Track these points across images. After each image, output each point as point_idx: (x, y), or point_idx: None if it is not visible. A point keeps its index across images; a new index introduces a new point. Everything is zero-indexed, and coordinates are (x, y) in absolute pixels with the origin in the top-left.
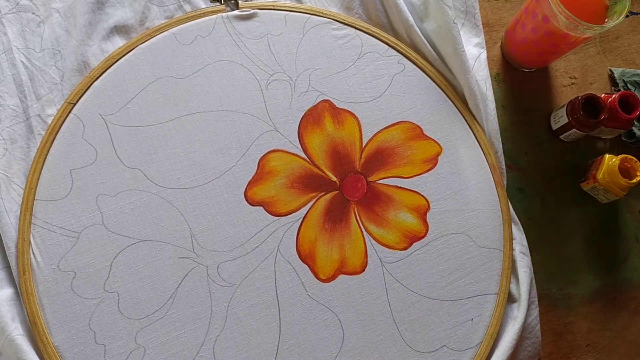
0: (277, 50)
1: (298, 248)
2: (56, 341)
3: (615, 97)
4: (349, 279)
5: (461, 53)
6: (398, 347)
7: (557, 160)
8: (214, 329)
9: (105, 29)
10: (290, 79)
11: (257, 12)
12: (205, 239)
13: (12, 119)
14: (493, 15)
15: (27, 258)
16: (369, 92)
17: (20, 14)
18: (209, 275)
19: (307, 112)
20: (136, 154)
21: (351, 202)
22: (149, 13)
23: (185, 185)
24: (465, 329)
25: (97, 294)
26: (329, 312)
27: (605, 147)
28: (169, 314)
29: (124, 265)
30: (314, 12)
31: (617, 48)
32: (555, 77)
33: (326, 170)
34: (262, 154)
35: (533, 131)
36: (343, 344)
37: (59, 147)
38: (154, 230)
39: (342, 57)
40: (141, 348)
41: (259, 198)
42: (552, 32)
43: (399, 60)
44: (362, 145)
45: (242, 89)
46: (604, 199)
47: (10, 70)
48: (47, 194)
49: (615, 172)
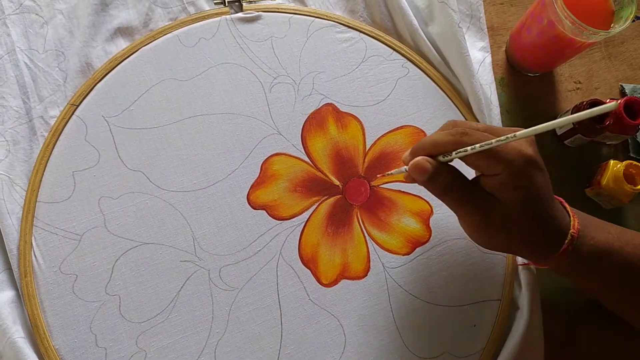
0: (280, 53)
1: (300, 252)
2: (57, 344)
3: (621, 103)
4: (351, 284)
5: (466, 57)
6: (400, 353)
7: (561, 165)
8: (216, 333)
9: (109, 30)
10: (294, 82)
11: (261, 15)
12: (207, 242)
13: (14, 120)
14: (498, 19)
15: (29, 260)
16: (373, 95)
17: (24, 15)
18: (211, 279)
19: (311, 116)
20: (139, 156)
21: (354, 207)
22: (153, 15)
23: (187, 188)
24: (468, 335)
25: (99, 297)
26: (331, 317)
27: (610, 153)
28: (171, 317)
29: (125, 268)
30: (318, 15)
31: (622, 53)
32: (560, 81)
33: (329, 174)
34: (265, 157)
35: (537, 136)
36: (345, 349)
37: (62, 149)
38: (156, 233)
39: (346, 60)
40: (142, 352)
41: (261, 201)
42: (558, 37)
43: (403, 64)
44: (365, 150)
45: (245, 91)
46: (609, 205)
47: (13, 72)
48: (50, 195)
49: (620, 178)
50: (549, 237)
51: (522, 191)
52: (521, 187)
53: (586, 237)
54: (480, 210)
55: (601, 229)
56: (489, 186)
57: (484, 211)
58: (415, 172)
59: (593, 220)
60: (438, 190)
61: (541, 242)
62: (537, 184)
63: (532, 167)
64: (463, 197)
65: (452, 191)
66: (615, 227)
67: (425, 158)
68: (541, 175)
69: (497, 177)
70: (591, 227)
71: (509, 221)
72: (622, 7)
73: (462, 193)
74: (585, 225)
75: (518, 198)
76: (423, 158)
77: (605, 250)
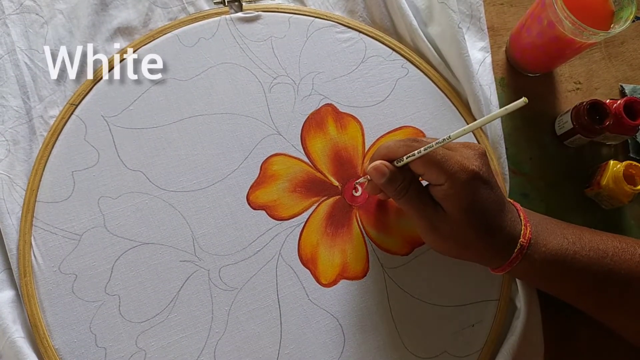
0: (280, 53)
1: (300, 252)
2: (57, 344)
3: (620, 103)
4: (350, 284)
5: (465, 58)
6: (399, 353)
7: (561, 166)
8: (215, 333)
9: (109, 30)
10: (294, 82)
11: (261, 15)
12: (207, 242)
13: (14, 120)
14: (498, 20)
15: (28, 260)
16: (372, 96)
17: (24, 15)
18: (211, 279)
19: (310, 116)
20: (138, 156)
21: (353, 207)
22: (153, 15)
23: (187, 188)
24: (467, 335)
25: (98, 297)
26: (330, 317)
27: (610, 153)
28: (170, 317)
29: (125, 268)
30: (317, 15)
31: (622, 53)
32: (560, 82)
33: (328, 175)
34: (264, 157)
35: (537, 136)
36: (344, 349)
37: (61, 149)
38: (156, 233)
39: (345, 60)
40: (142, 352)
41: (261, 202)
42: (558, 37)
43: (402, 65)
44: (364, 150)
45: (245, 91)
46: (608, 206)
47: (13, 71)
48: (49, 195)
49: (620, 179)
50: (496, 247)
51: (464, 202)
52: (463, 198)
53: (538, 245)
54: (428, 217)
55: (556, 235)
56: (435, 196)
57: (432, 218)
58: (374, 175)
59: (551, 225)
60: (394, 193)
61: (489, 251)
62: (480, 196)
63: (475, 180)
64: (414, 203)
65: (406, 195)
66: (574, 230)
67: (383, 162)
68: (485, 188)
69: (441, 188)
70: (546, 233)
71: (454, 230)
72: (622, 7)
73: (415, 198)
74: (539, 231)
75: (461, 209)
76: (381, 162)
77: (558, 256)
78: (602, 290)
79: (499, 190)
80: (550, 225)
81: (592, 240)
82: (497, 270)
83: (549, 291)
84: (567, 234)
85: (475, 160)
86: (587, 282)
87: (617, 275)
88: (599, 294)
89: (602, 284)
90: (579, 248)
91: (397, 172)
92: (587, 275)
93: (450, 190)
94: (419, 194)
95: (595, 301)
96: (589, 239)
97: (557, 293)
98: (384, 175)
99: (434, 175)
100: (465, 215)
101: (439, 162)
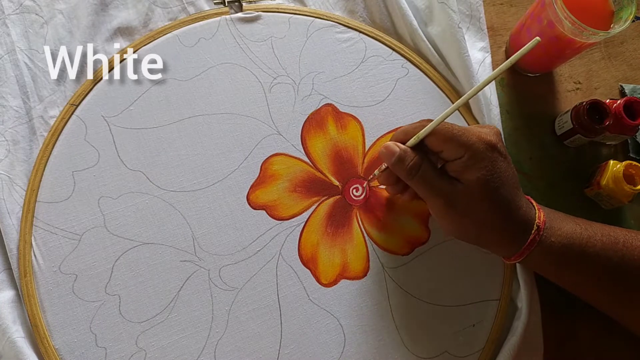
0: (280, 53)
1: (300, 252)
2: (57, 344)
3: (620, 103)
4: (350, 284)
5: (465, 58)
6: (399, 353)
7: (561, 165)
8: (215, 333)
9: (109, 30)
10: (294, 83)
11: (261, 15)
12: (207, 242)
13: (14, 120)
14: (498, 20)
15: (29, 260)
16: (373, 96)
17: (24, 15)
18: (211, 279)
19: (310, 116)
20: (138, 156)
21: (353, 207)
22: (153, 15)
23: (187, 188)
24: (467, 335)
25: (99, 297)
26: (331, 317)
27: (609, 153)
28: (170, 317)
29: (125, 268)
30: (317, 15)
31: (622, 53)
32: (559, 82)
33: (329, 175)
34: (264, 157)
35: (537, 136)
36: (344, 349)
37: (61, 149)
38: (156, 233)
39: (345, 60)
40: (142, 351)
41: (261, 202)
42: (557, 37)
43: (402, 65)
44: (364, 150)
45: (245, 92)
46: (608, 206)
47: (13, 72)
48: (49, 195)
49: (620, 179)
50: (514, 227)
51: (483, 172)
52: (482, 168)
53: (553, 228)
54: (444, 193)
55: (568, 220)
56: (452, 170)
57: (448, 195)
58: (384, 155)
59: (559, 214)
60: (405, 172)
61: (507, 231)
62: (499, 167)
63: (493, 151)
64: (428, 181)
65: (419, 174)
66: (581, 219)
67: (394, 142)
68: (503, 161)
69: (460, 160)
70: (557, 219)
71: (471, 206)
72: (621, 7)
73: (428, 176)
74: (551, 218)
75: (480, 179)
76: (392, 142)
77: (574, 239)
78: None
79: (514, 169)
80: (558, 213)
81: (603, 228)
82: (513, 258)
83: (563, 281)
84: (578, 221)
85: (492, 136)
86: (603, 269)
87: (630, 262)
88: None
89: (617, 271)
90: (591, 233)
91: (408, 150)
92: (602, 260)
93: (469, 161)
94: (431, 172)
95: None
96: (599, 227)
97: (573, 282)
98: (394, 154)
99: (453, 149)
100: (485, 185)
101: (457, 135)
